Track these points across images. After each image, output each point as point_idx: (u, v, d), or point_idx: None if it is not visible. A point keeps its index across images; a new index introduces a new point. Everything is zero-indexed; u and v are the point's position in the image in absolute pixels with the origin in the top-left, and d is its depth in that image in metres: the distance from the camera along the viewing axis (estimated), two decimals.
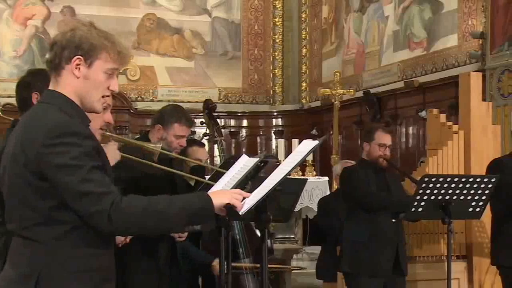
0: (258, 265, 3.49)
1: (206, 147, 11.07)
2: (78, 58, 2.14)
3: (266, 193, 2.28)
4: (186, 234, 3.58)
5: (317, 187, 8.45)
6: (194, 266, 4.05)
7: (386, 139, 4.23)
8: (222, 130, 4.80)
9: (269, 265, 3.86)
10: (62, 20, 11.88)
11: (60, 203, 2.05)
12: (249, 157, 2.63)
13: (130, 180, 3.22)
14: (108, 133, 2.97)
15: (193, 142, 4.57)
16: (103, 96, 2.22)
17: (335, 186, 6.00)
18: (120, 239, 3.20)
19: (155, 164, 3.41)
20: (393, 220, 4.15)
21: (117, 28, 11.35)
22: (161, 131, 3.61)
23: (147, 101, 12.65)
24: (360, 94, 10.98)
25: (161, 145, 3.48)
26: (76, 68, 2.15)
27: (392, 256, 4.14)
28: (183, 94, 12.97)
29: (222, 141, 4.66)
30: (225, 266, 2.94)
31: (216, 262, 3.86)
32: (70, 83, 2.16)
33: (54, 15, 12.07)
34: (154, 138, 3.62)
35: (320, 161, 11.76)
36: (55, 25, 11.76)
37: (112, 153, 2.82)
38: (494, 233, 4.34)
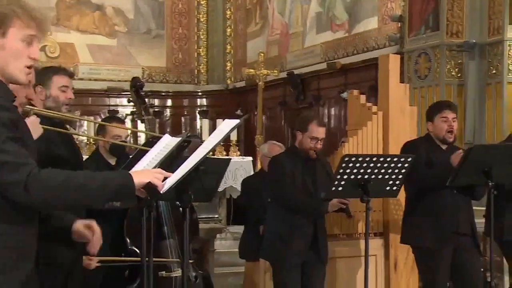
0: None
1: (128, 125, 10.78)
2: None
3: (187, 172, 2.28)
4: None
5: (241, 167, 8.50)
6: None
7: (319, 132, 4.21)
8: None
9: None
10: None
11: None
12: (172, 136, 2.61)
13: (50, 153, 3.13)
14: (28, 107, 2.87)
15: (112, 118, 4.48)
16: (28, 67, 2.15)
17: (259, 166, 6.06)
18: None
19: (80, 133, 3.32)
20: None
21: (33, 2, 10.93)
22: (43, 91, 3.45)
23: None
24: (284, 75, 11.07)
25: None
26: None
27: (306, 244, 4.18)
28: (105, 73, 12.70)
29: (150, 120, 4.59)
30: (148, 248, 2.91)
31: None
32: None
33: None
34: (39, 103, 3.39)
35: (244, 141, 11.82)
36: None
37: (34, 127, 2.73)
38: (404, 213, 4.51)
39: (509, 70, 7.73)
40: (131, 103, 4.73)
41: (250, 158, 8.70)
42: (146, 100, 4.66)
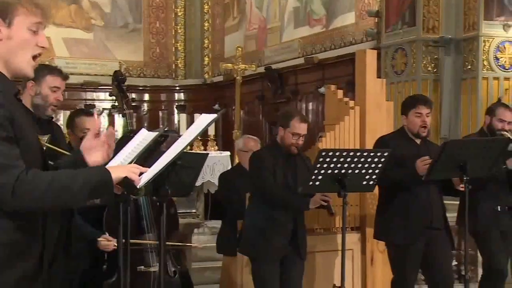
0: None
1: (106, 121, 10.71)
2: None
3: (163, 167, 2.27)
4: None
5: (219, 162, 8.48)
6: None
7: (301, 129, 4.20)
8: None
9: (168, 243, 3.88)
10: None
11: None
12: (149, 131, 2.60)
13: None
14: None
15: (80, 111, 4.44)
16: (34, 58, 2.11)
17: (236, 160, 6.06)
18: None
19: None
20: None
21: None
22: (34, 87, 3.44)
23: None
24: (262, 69, 11.08)
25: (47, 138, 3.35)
26: None
27: (286, 240, 4.19)
28: (82, 67, 12.61)
29: (131, 114, 4.56)
30: (125, 242, 2.91)
31: (102, 238, 3.79)
32: None
33: None
34: (27, 97, 3.41)
35: (222, 136, 11.82)
36: None
37: None
38: (377, 208, 4.55)
39: (484, 65, 7.82)
40: (109, 97, 4.71)
41: (228, 153, 8.69)
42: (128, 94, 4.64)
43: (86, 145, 2.29)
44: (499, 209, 4.67)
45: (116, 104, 4.68)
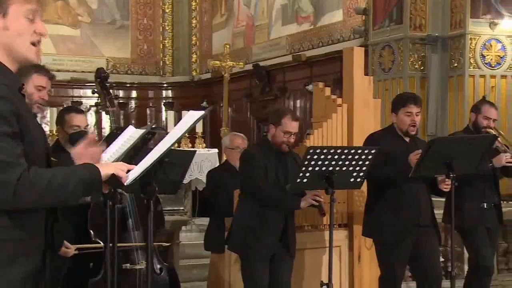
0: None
1: (93, 118, 10.64)
2: None
3: (151, 164, 2.27)
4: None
5: (206, 159, 8.47)
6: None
7: (293, 127, 4.19)
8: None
9: (155, 243, 3.87)
10: None
11: None
12: (137, 128, 2.59)
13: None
14: None
15: (70, 108, 4.41)
16: (33, 45, 2.07)
17: (224, 158, 6.05)
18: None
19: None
20: None
21: None
22: None
23: None
24: (249, 67, 11.08)
25: None
26: None
27: (276, 237, 4.19)
28: (68, 63, 12.54)
29: (115, 111, 4.53)
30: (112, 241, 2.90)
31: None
32: None
33: None
34: None
35: (210, 133, 11.80)
36: None
37: None
38: (366, 206, 4.57)
39: (471, 63, 7.87)
40: (96, 94, 4.68)
41: (216, 150, 8.69)
42: (111, 91, 4.61)
43: (78, 150, 2.28)
44: (485, 206, 4.71)
45: (100, 101, 4.66)
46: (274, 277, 4.22)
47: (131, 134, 2.54)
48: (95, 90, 4.65)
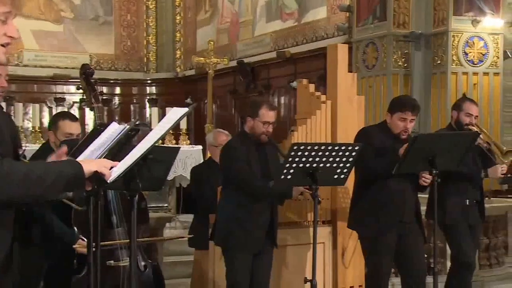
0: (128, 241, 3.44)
1: (77, 114, 10.57)
2: None
3: (134, 161, 2.26)
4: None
5: (191, 156, 8.46)
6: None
7: (270, 116, 4.19)
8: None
9: (140, 239, 3.86)
10: None
11: None
12: (120, 125, 2.58)
13: None
14: None
15: (65, 115, 4.37)
16: (3, 46, 2.05)
17: (208, 154, 6.04)
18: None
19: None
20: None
21: None
22: None
23: (12, 66, 11.99)
24: (234, 63, 11.07)
25: None
26: None
27: (264, 232, 4.20)
28: (51, 60, 12.44)
29: (99, 107, 4.49)
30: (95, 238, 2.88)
31: (79, 244, 3.74)
32: None
33: None
34: None
35: (194, 130, 11.78)
36: None
37: None
38: (352, 200, 4.59)
39: (453, 60, 7.92)
40: (79, 91, 4.64)
41: (200, 147, 8.67)
42: (96, 87, 4.57)
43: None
44: (467, 203, 4.75)
45: (85, 97, 4.62)
46: (256, 272, 4.22)
47: (114, 131, 2.52)
48: (80, 86, 4.61)
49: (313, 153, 3.92)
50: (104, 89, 12.89)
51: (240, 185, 4.18)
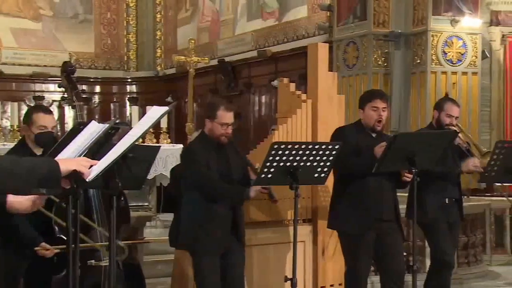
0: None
1: (56, 113, 10.49)
2: None
3: (114, 160, 2.25)
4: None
5: (171, 155, 8.42)
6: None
7: (228, 118, 4.14)
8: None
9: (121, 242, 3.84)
10: None
11: None
12: (100, 123, 2.57)
13: None
14: None
15: (39, 107, 4.34)
16: None
17: None
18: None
19: None
20: None
21: None
22: None
23: None
24: (215, 62, 11.05)
25: None
26: None
27: (227, 232, 4.18)
28: (30, 58, 12.33)
29: (81, 106, 4.47)
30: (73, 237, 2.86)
31: (41, 246, 3.71)
32: None
33: None
34: None
35: (175, 129, 11.75)
36: None
37: None
38: (331, 198, 4.61)
39: (432, 59, 7.99)
40: (58, 89, 4.62)
41: (181, 146, 8.64)
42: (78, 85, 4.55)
43: None
44: (446, 201, 4.79)
45: (66, 96, 4.60)
46: (227, 271, 4.21)
47: (94, 129, 2.51)
48: (62, 84, 4.58)
49: (293, 152, 3.93)
50: (84, 88, 12.81)
51: (200, 187, 4.17)
